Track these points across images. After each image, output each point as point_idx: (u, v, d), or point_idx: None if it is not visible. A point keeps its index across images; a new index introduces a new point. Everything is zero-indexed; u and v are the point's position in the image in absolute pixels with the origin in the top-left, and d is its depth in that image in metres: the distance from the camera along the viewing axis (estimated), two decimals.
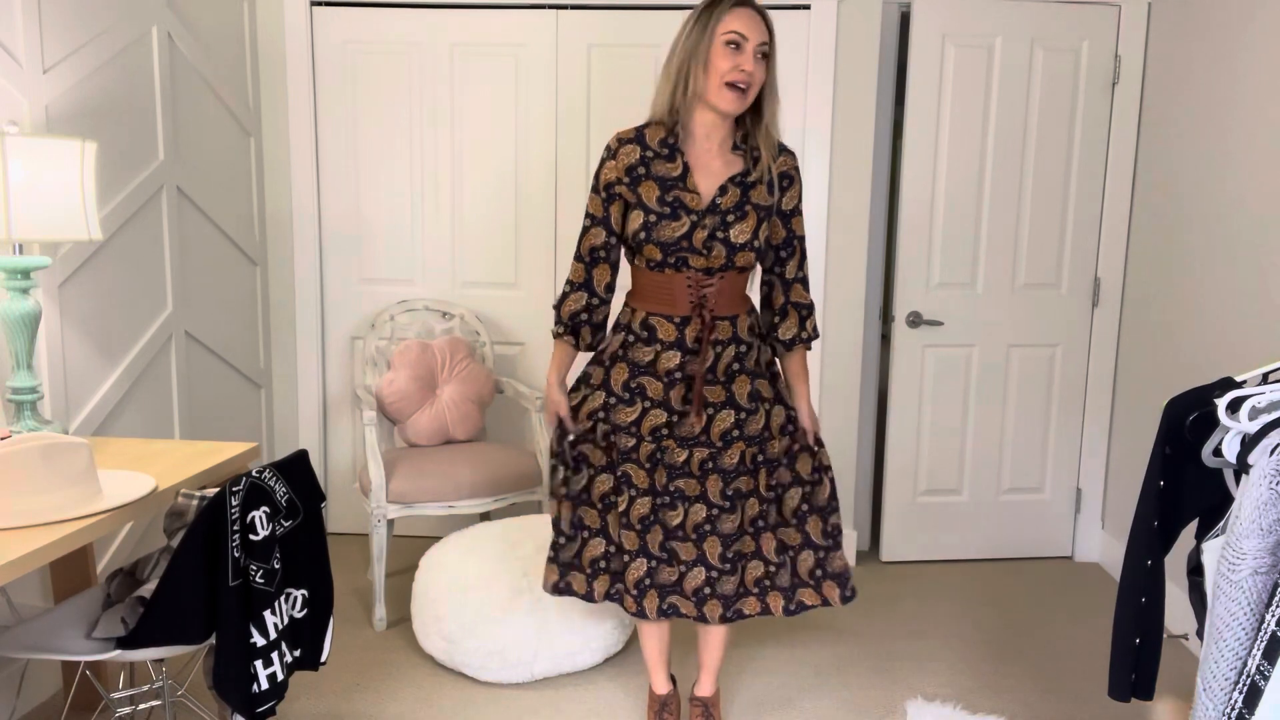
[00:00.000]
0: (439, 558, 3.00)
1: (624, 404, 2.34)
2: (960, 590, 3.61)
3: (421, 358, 3.45)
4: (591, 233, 2.32)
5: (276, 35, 3.71)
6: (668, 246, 2.23)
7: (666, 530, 2.34)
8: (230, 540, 1.88)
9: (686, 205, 2.23)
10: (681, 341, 2.29)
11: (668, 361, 2.30)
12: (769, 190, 2.28)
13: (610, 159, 2.29)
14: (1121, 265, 3.74)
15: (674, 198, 2.23)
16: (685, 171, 2.25)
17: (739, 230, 2.24)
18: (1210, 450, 1.76)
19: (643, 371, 2.33)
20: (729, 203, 2.24)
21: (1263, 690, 1.47)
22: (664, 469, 2.33)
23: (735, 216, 2.24)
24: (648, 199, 2.24)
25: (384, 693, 2.80)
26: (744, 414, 2.34)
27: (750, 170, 2.27)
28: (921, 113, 3.61)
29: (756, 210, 2.26)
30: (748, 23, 2.16)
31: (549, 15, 3.68)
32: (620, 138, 2.29)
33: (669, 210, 2.23)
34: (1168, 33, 3.47)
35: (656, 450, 2.33)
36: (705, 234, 2.23)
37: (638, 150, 2.26)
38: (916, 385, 3.78)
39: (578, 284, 2.36)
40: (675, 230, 2.22)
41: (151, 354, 3.08)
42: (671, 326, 2.30)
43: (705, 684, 2.61)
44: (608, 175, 2.28)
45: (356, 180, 3.82)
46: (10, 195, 2.18)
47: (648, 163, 2.25)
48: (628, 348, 2.34)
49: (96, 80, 2.77)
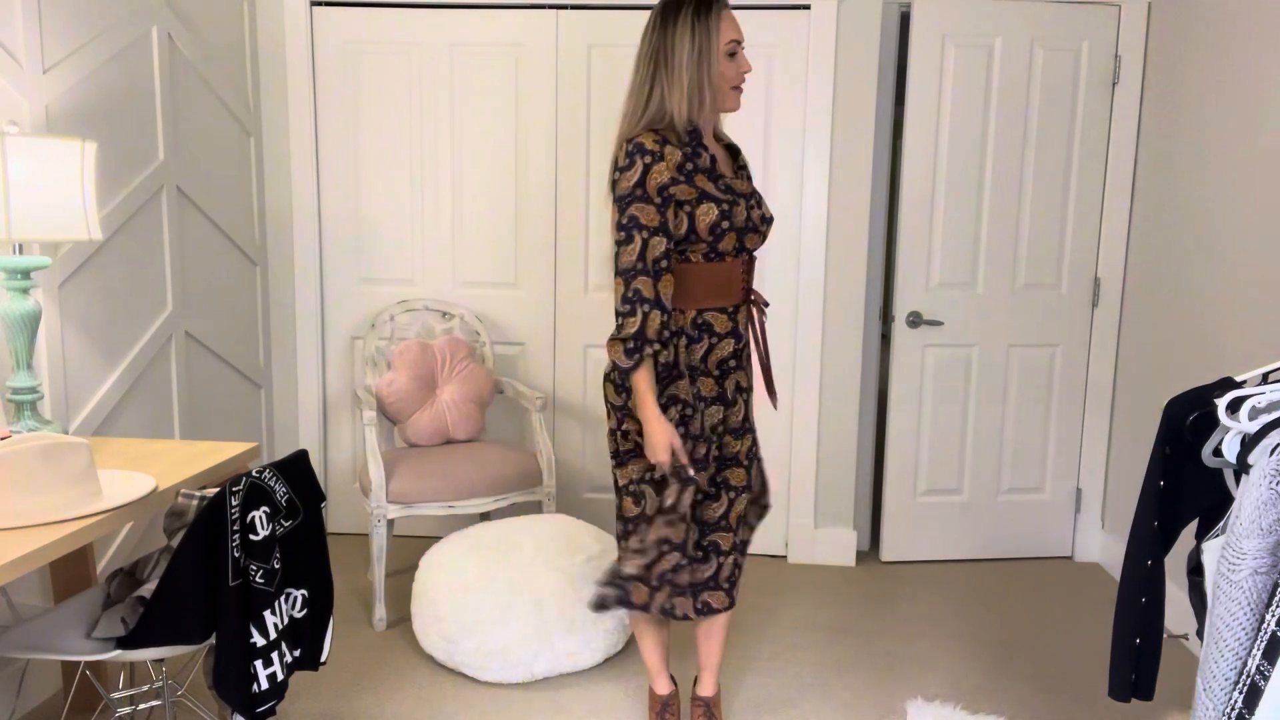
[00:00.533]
0: (439, 558, 3.00)
1: (697, 414, 2.30)
2: (960, 590, 3.61)
3: (421, 358, 3.45)
4: (652, 244, 2.15)
5: (276, 35, 3.71)
6: (741, 231, 2.28)
7: (704, 526, 2.35)
8: (230, 540, 1.88)
9: (735, 189, 2.30)
10: (735, 330, 2.35)
11: (722, 351, 2.33)
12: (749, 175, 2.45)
13: (657, 161, 2.16)
14: (1121, 265, 3.74)
15: (725, 185, 2.28)
16: (714, 162, 2.31)
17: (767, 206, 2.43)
18: (1210, 450, 1.76)
19: (700, 374, 2.31)
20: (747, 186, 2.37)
21: (1263, 690, 1.47)
22: (714, 463, 2.35)
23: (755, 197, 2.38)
24: (710, 190, 2.22)
25: (384, 693, 2.80)
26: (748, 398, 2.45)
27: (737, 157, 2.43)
28: (921, 113, 3.61)
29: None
30: (736, 27, 2.29)
31: (549, 15, 3.68)
32: (655, 141, 2.18)
33: (731, 197, 2.28)
34: (1168, 33, 3.47)
35: (716, 447, 2.35)
36: (760, 213, 2.35)
37: (679, 153, 2.20)
38: (916, 385, 3.78)
39: (649, 299, 2.15)
40: (741, 213, 2.28)
41: (151, 354, 3.08)
42: (725, 318, 2.33)
43: (707, 684, 2.61)
44: (659, 178, 2.16)
45: (356, 180, 3.82)
46: (10, 195, 2.18)
47: (689, 159, 2.22)
48: (688, 351, 2.29)
49: (96, 80, 2.77)
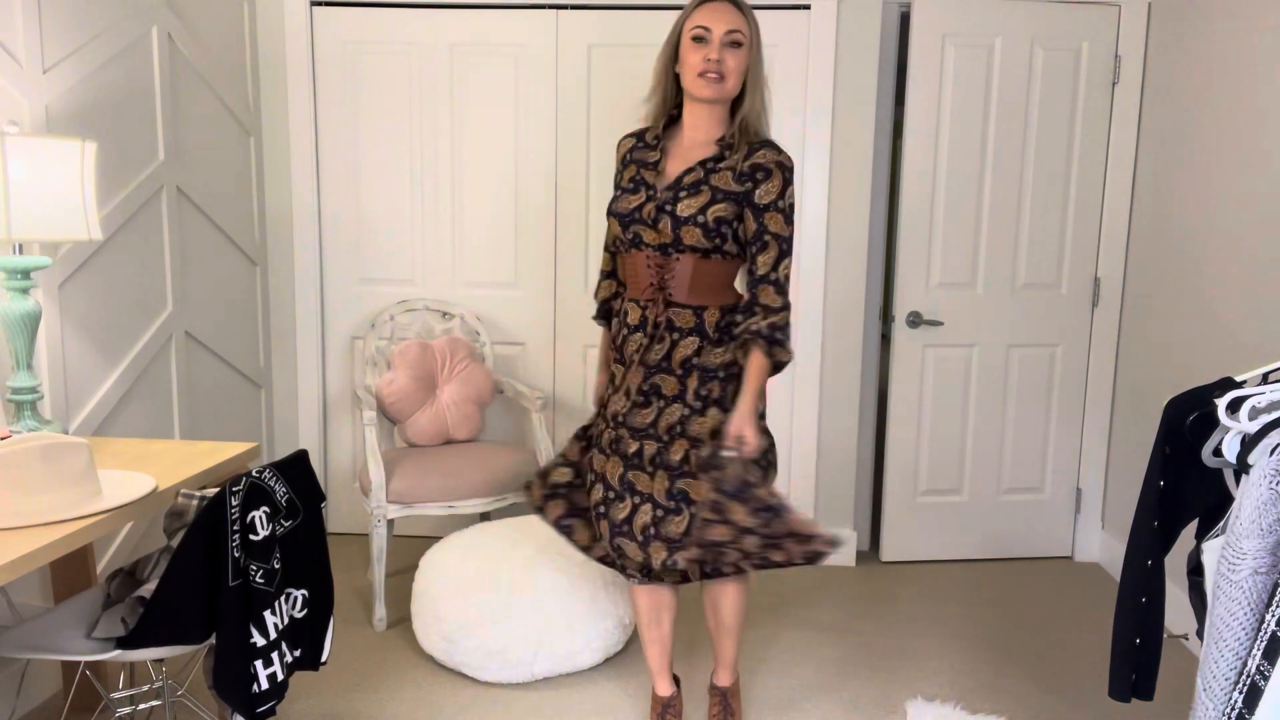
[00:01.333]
0: (439, 558, 3.00)
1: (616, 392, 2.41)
2: (960, 590, 3.61)
3: (421, 358, 3.45)
4: (610, 223, 2.44)
5: (276, 35, 3.71)
6: (622, 218, 2.34)
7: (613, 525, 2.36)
8: (230, 540, 1.88)
9: (648, 182, 2.35)
10: (643, 325, 2.35)
11: (632, 344, 2.36)
12: (736, 178, 2.26)
13: (616, 154, 2.49)
14: (1121, 265, 3.74)
15: (642, 177, 2.37)
16: (661, 158, 2.37)
17: (686, 204, 2.25)
18: (1210, 450, 1.76)
19: (620, 360, 2.41)
20: (689, 181, 2.29)
21: (1263, 690, 1.47)
22: (619, 459, 2.36)
23: (688, 193, 2.27)
24: (624, 180, 2.41)
25: (384, 693, 2.80)
26: (689, 411, 2.30)
27: (723, 157, 2.30)
28: (921, 113, 3.61)
29: (714, 191, 2.26)
30: (712, 16, 2.25)
31: (549, 15, 3.68)
32: (626, 135, 2.50)
33: (632, 187, 2.37)
34: (1168, 33, 3.47)
35: (616, 438, 2.38)
36: (654, 206, 2.30)
37: (633, 141, 2.46)
38: (916, 385, 3.78)
39: (606, 272, 2.55)
40: (630, 202, 2.34)
41: (151, 354, 3.08)
42: (638, 309, 2.36)
43: (722, 674, 2.63)
44: (617, 169, 2.46)
45: (356, 180, 3.82)
46: (10, 195, 2.18)
47: (635, 150, 2.43)
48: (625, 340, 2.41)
49: (96, 80, 2.77)
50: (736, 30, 2.24)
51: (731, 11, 2.26)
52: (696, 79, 2.26)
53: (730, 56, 2.24)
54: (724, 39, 2.24)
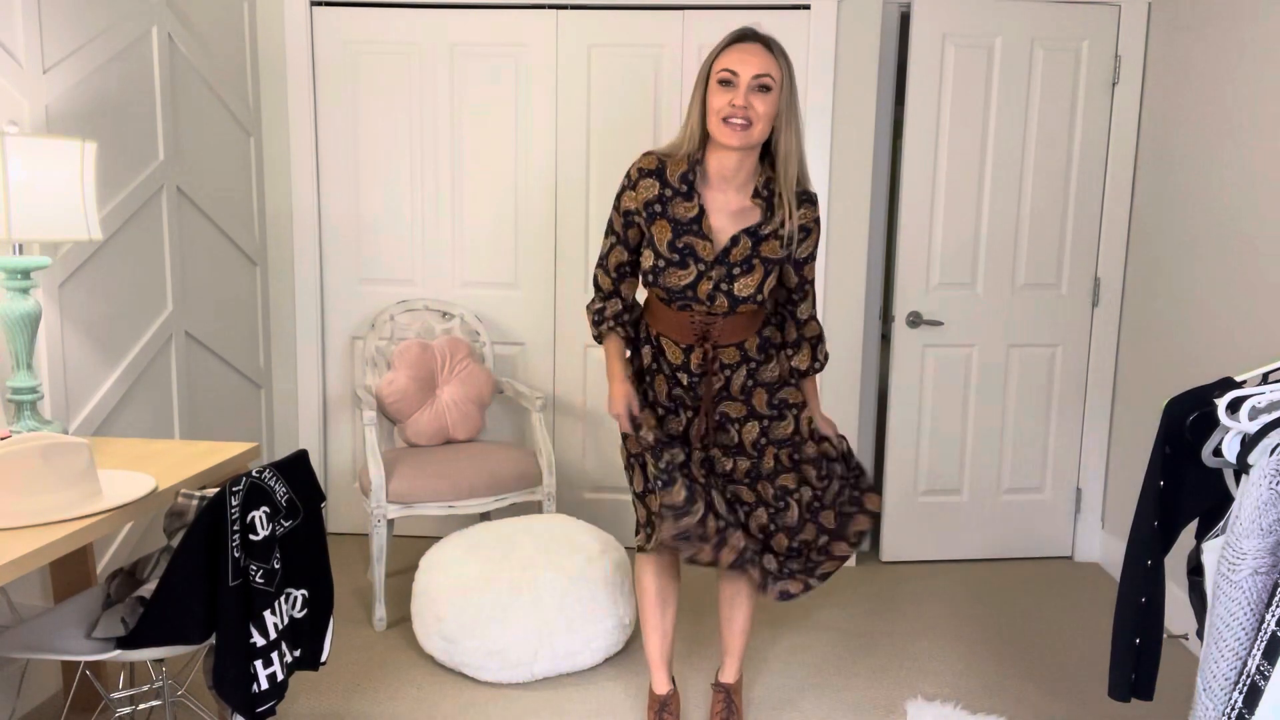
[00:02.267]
0: (439, 558, 3.00)
1: (672, 414, 2.40)
2: (960, 590, 3.61)
3: (421, 358, 3.45)
4: (616, 250, 2.39)
5: (276, 35, 3.71)
6: (673, 292, 2.29)
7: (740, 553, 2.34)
8: (230, 540, 1.88)
9: (696, 253, 2.27)
10: (687, 366, 2.36)
11: (683, 380, 2.38)
12: (783, 244, 2.30)
13: (630, 189, 2.32)
14: (1121, 265, 3.74)
15: (685, 244, 2.27)
16: (700, 214, 2.27)
17: (744, 284, 2.28)
18: (1210, 450, 1.76)
19: (675, 383, 2.39)
20: (738, 255, 2.27)
21: (1263, 690, 1.47)
22: (718, 478, 2.39)
23: (742, 270, 2.27)
24: (660, 241, 2.28)
25: (384, 693, 2.80)
26: (768, 421, 2.40)
27: (766, 221, 2.28)
28: (921, 113, 3.61)
29: (765, 264, 2.28)
30: (741, 58, 2.17)
31: (549, 15, 3.68)
32: (641, 169, 2.31)
33: (678, 258, 2.27)
34: (1168, 33, 3.47)
35: (706, 459, 2.39)
36: (710, 285, 2.27)
37: (656, 186, 2.29)
38: (916, 385, 3.78)
39: (609, 292, 2.43)
40: (682, 279, 2.27)
41: (151, 354, 3.08)
42: (679, 351, 2.36)
43: (729, 669, 2.63)
44: (626, 203, 2.33)
45: (356, 180, 3.82)
46: (10, 195, 2.18)
47: (665, 201, 2.28)
48: (658, 360, 2.40)
49: (96, 80, 2.77)
50: (765, 75, 2.16)
51: (760, 54, 2.18)
52: (721, 125, 2.18)
53: (759, 101, 2.16)
54: (751, 83, 2.16)
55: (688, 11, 3.64)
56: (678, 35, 3.65)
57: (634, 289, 2.45)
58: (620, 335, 2.44)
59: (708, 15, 3.62)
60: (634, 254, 2.38)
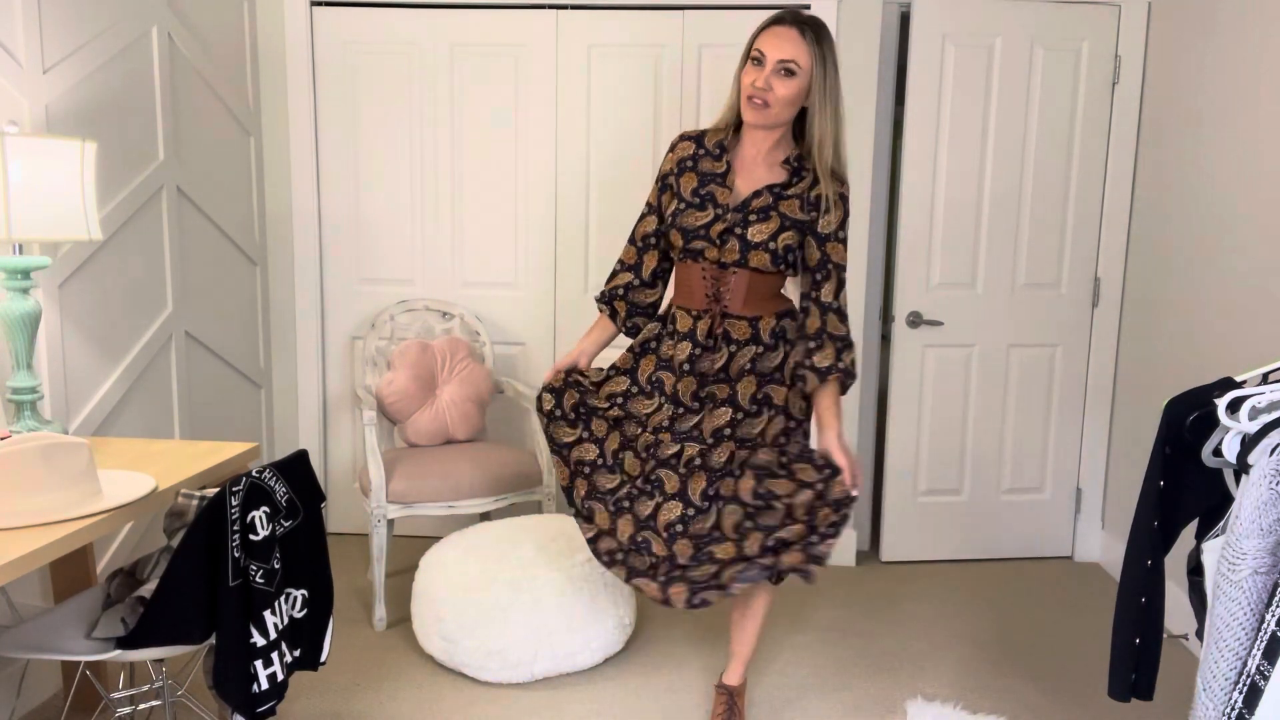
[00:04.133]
0: (439, 558, 3.00)
1: (644, 395, 2.44)
2: (960, 590, 3.61)
3: (421, 358, 3.45)
4: (646, 220, 2.48)
5: (276, 35, 3.71)
6: (687, 233, 2.34)
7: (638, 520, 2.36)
8: (230, 540, 1.88)
9: (716, 199, 2.34)
10: (693, 334, 2.37)
11: (680, 352, 2.39)
12: (802, 206, 2.32)
13: (669, 153, 2.46)
14: (1121, 265, 3.74)
15: (708, 191, 2.35)
16: (728, 170, 2.36)
17: (757, 230, 2.31)
18: (1210, 450, 1.76)
19: (664, 366, 2.42)
20: (758, 205, 2.32)
21: (1263, 690, 1.47)
22: (653, 460, 2.38)
23: (758, 218, 2.32)
24: (685, 189, 2.38)
25: (384, 693, 2.80)
26: (741, 414, 2.36)
27: (791, 184, 2.34)
28: (921, 113, 3.61)
29: (782, 218, 2.32)
30: (772, 41, 2.24)
31: (549, 15, 3.68)
32: (683, 135, 2.46)
33: (699, 201, 2.35)
34: (1168, 33, 3.47)
35: (654, 443, 2.39)
36: (723, 227, 2.32)
37: (693, 147, 2.42)
38: (916, 385, 3.78)
39: (627, 264, 2.52)
40: (698, 219, 2.34)
41: (151, 354, 3.08)
42: (689, 319, 2.39)
43: (734, 671, 2.63)
44: (664, 167, 2.45)
45: (356, 180, 3.82)
46: (10, 195, 2.18)
47: (697, 159, 2.40)
48: (660, 340, 2.45)
49: (96, 80, 2.77)
50: (790, 60, 2.23)
51: (793, 40, 2.23)
52: (745, 102, 2.28)
53: (780, 85, 2.23)
54: (776, 66, 2.23)
55: (688, 11, 3.64)
56: (678, 35, 3.65)
57: (654, 261, 2.49)
58: (606, 314, 2.53)
59: (708, 15, 3.62)
60: (661, 222, 2.45)
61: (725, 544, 2.27)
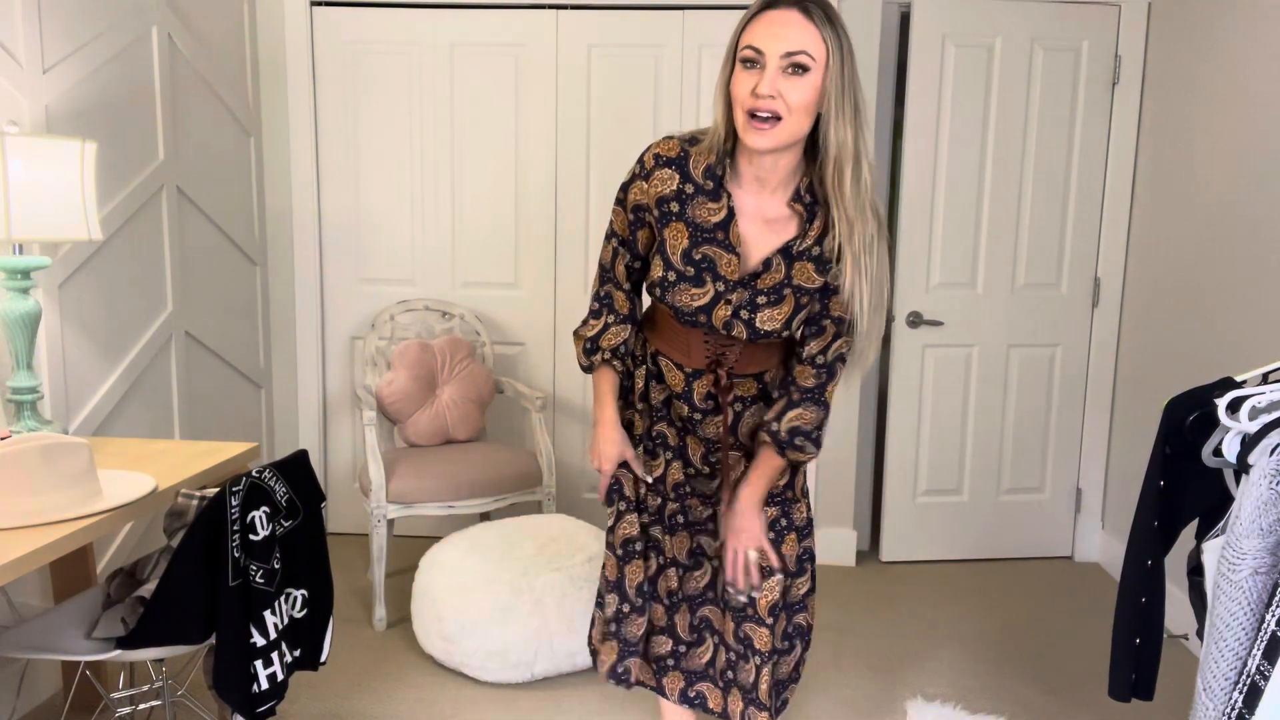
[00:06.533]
0: (439, 558, 3.00)
1: (650, 456, 2.03)
2: (960, 590, 3.61)
3: (421, 358, 3.45)
4: (620, 253, 1.93)
5: (276, 35, 3.71)
6: (682, 313, 1.85)
7: (690, 600, 2.07)
8: (230, 540, 1.88)
9: (717, 269, 1.80)
10: (688, 395, 1.94)
11: (678, 410, 1.98)
12: (819, 267, 1.80)
13: (641, 179, 1.83)
14: (1121, 265, 3.74)
15: (703, 256, 1.80)
16: (729, 219, 1.79)
17: (767, 316, 1.82)
18: (1210, 450, 1.76)
19: (660, 417, 2.01)
20: (768, 282, 1.81)
21: (1263, 690, 1.47)
22: (686, 531, 2.06)
23: (769, 299, 1.81)
24: (673, 249, 1.82)
25: (384, 693, 2.80)
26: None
27: (802, 235, 1.80)
28: (921, 113, 3.61)
29: (796, 294, 1.82)
30: (770, 30, 1.65)
31: (549, 15, 3.68)
32: (658, 155, 1.82)
33: (693, 273, 1.81)
34: (1168, 33, 3.47)
35: (680, 510, 2.05)
36: (728, 311, 1.82)
37: (675, 179, 1.80)
38: (916, 385, 3.78)
39: (622, 315, 1.96)
40: (695, 299, 1.82)
41: (151, 354, 3.08)
42: (680, 376, 1.94)
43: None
44: (636, 196, 1.85)
45: (356, 180, 3.82)
46: (10, 195, 2.18)
47: (684, 199, 1.80)
48: (649, 386, 2.00)
49: (96, 80, 2.77)
50: (800, 51, 1.64)
51: (797, 23, 1.65)
52: (746, 122, 1.68)
53: (791, 87, 1.65)
54: (781, 63, 1.65)
55: (688, 11, 3.64)
56: (678, 35, 3.65)
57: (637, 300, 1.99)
58: (616, 370, 1.99)
59: (708, 15, 3.62)
60: (638, 259, 1.92)
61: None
